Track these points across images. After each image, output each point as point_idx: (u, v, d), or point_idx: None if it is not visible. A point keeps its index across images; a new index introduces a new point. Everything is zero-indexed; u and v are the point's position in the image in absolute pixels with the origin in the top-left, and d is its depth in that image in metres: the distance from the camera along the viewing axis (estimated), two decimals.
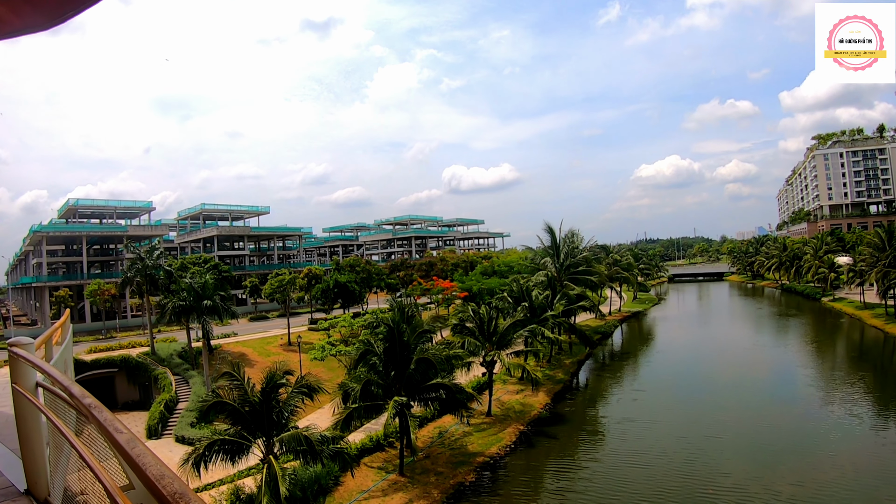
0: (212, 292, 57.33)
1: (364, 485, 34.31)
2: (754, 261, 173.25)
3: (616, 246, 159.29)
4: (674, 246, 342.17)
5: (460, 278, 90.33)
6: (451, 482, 36.50)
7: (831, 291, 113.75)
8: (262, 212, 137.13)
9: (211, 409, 28.81)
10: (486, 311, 51.92)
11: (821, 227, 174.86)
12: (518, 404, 51.54)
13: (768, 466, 36.86)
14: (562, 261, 79.38)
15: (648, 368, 70.64)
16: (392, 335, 36.54)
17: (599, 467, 39.50)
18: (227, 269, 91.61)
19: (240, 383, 28.79)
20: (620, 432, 46.52)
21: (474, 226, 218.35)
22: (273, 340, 74.44)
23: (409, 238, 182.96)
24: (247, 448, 27.93)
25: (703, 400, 54.83)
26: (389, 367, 37.13)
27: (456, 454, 40.64)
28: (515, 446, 43.41)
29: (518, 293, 62.40)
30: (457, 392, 37.79)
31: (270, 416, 27.97)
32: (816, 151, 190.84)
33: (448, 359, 39.63)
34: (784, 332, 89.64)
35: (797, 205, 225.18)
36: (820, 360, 70.15)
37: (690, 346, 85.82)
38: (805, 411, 49.11)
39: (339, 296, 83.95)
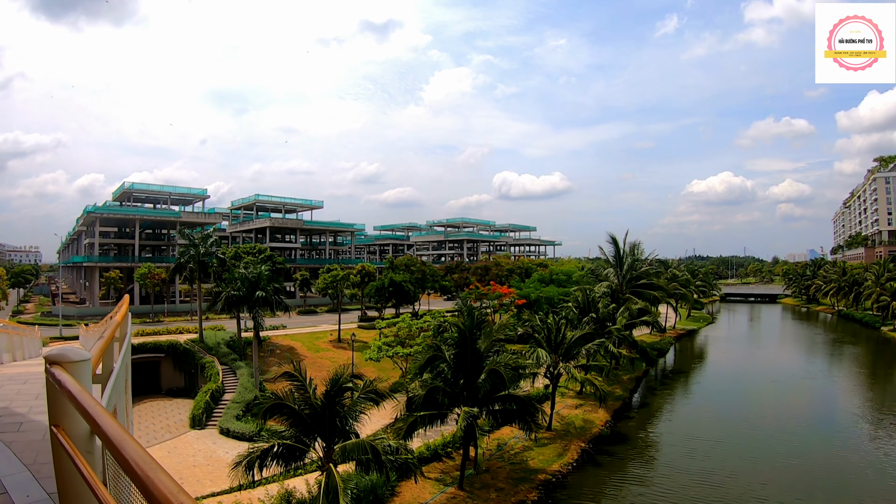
0: (266, 283, 55.72)
1: (421, 497, 31.96)
2: (810, 284, 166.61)
3: (675, 261, 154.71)
4: (724, 264, 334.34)
5: (518, 284, 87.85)
6: (512, 500, 34.18)
7: (892, 321, 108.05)
8: (316, 206, 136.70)
9: (269, 410, 26.40)
10: (553, 321, 49.57)
11: (879, 253, 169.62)
12: (579, 420, 49.07)
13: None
14: (624, 273, 76.79)
15: (706, 389, 69.03)
16: (464, 341, 34.08)
17: (667, 487, 38.06)
18: (282, 261, 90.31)
19: (301, 384, 26.59)
20: (686, 451, 45.43)
21: (526, 232, 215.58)
22: (322, 336, 73.04)
23: (461, 241, 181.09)
24: (304, 454, 25.90)
25: (768, 424, 52.80)
26: (458, 375, 34.72)
27: (516, 469, 38.34)
28: (578, 464, 41.14)
29: (584, 304, 59.80)
30: (529, 406, 35.27)
31: (333, 422, 25.74)
32: (878, 174, 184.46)
33: (517, 369, 37.36)
34: (852, 361, 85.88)
35: (854, 228, 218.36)
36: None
37: (749, 369, 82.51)
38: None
39: (394, 295, 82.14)
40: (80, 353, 4.43)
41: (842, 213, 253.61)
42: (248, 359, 58.64)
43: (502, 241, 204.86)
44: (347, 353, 64.85)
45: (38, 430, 7.78)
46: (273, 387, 53.25)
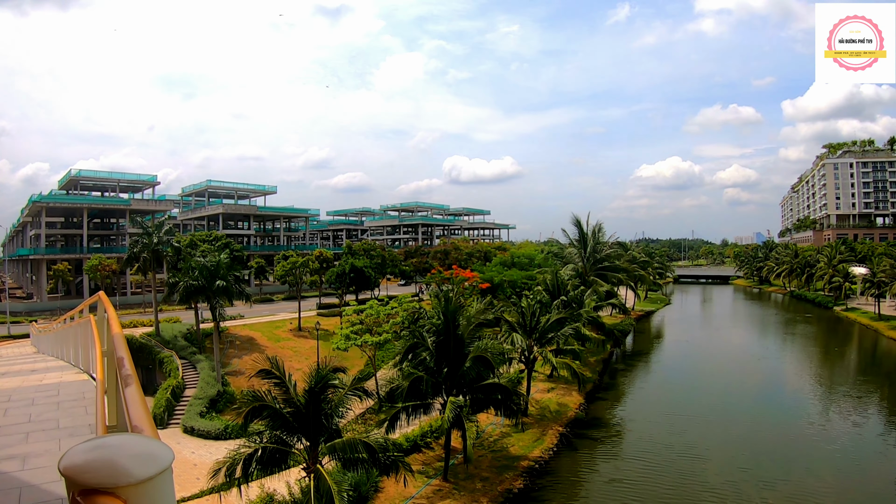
0: (225, 272, 53.32)
1: (406, 491, 30.37)
2: (763, 266, 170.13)
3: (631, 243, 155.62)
4: (675, 247, 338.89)
5: (479, 268, 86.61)
6: (498, 489, 33.05)
7: (843, 301, 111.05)
8: (270, 191, 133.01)
9: (250, 413, 24.29)
10: (528, 305, 48.58)
11: (827, 236, 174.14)
12: (553, 404, 48.25)
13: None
14: (588, 255, 76.48)
15: (669, 368, 70.28)
16: (447, 328, 32.60)
17: (648, 463, 38.68)
18: (239, 249, 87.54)
19: (281, 381, 24.58)
20: (664, 427, 46.29)
21: (480, 216, 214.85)
22: (282, 325, 70.98)
23: (416, 225, 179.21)
24: (289, 456, 24.10)
25: (733, 400, 54.70)
26: (441, 363, 33.28)
27: (498, 457, 37.30)
28: (558, 449, 40.45)
29: (553, 287, 58.90)
30: (514, 394, 34.09)
31: (318, 420, 23.92)
32: (827, 160, 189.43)
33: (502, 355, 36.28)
34: (810, 339, 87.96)
35: (803, 212, 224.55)
36: (854, 370, 69.65)
37: (710, 349, 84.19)
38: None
39: (354, 281, 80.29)
40: (150, 452, 2.15)
41: (790, 197, 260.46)
42: (207, 351, 56.24)
43: (456, 225, 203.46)
44: (309, 342, 63.02)
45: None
46: (235, 381, 51.49)
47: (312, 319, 70.68)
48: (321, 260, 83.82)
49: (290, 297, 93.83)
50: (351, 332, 50.34)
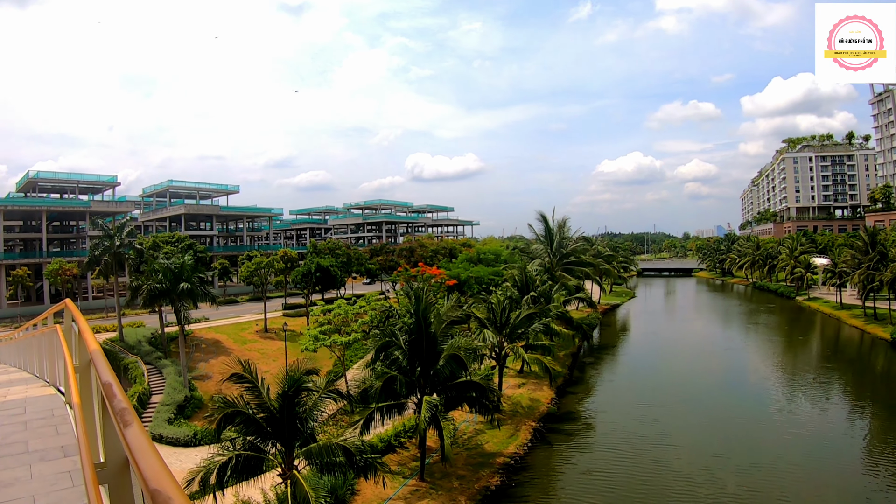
0: (190, 274, 52.21)
1: (383, 493, 29.95)
2: (725, 258, 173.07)
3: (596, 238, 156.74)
4: (637, 241, 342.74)
5: (446, 265, 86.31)
6: (475, 486, 32.89)
7: (805, 291, 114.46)
8: (232, 191, 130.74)
9: (223, 420, 23.59)
10: (498, 301, 48.44)
11: (787, 229, 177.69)
12: (525, 399, 48.20)
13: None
14: (555, 250, 76.79)
15: (638, 361, 71.27)
16: (419, 326, 32.20)
17: (625, 453, 39.35)
18: (202, 250, 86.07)
19: (254, 385, 23.94)
20: (637, 419, 46.73)
21: (444, 213, 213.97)
22: (248, 326, 69.87)
23: (380, 223, 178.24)
24: (264, 462, 23.52)
25: (708, 389, 56.37)
26: (414, 362, 32.90)
27: (474, 455, 37.16)
28: (532, 445, 40.60)
29: (522, 283, 58.86)
30: (489, 391, 33.84)
31: (293, 424, 23.36)
32: (786, 154, 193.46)
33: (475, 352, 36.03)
34: (774, 329, 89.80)
35: (763, 205, 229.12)
36: (819, 357, 71.26)
37: (677, 340, 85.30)
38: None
39: (321, 280, 79.41)
40: None
41: (750, 190, 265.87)
42: (172, 356, 55.13)
43: (420, 222, 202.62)
44: (276, 343, 62.10)
45: None
46: (203, 385, 50.54)
47: (279, 320, 69.75)
48: (286, 260, 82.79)
49: (255, 297, 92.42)
50: (319, 333, 49.67)
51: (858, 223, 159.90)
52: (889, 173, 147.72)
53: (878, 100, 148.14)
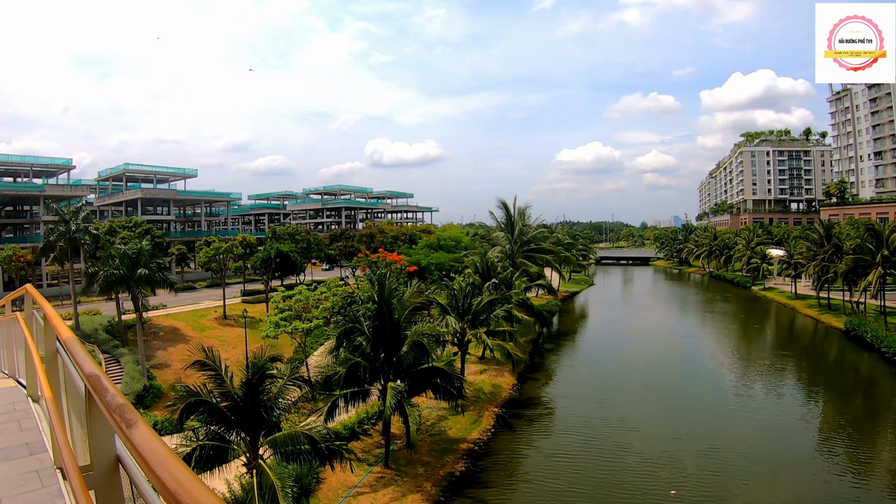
0: (148, 260, 51.16)
1: (348, 480, 29.89)
2: (682, 248, 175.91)
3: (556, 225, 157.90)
4: (596, 229, 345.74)
5: (406, 251, 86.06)
6: (440, 473, 33.00)
7: (761, 281, 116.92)
8: (190, 175, 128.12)
9: (186, 410, 23.10)
10: (460, 288, 48.47)
11: (743, 220, 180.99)
12: (487, 385, 48.48)
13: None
14: (515, 237, 77.08)
15: (597, 347, 72.46)
16: (383, 312, 31.99)
17: (588, 437, 40.13)
18: (160, 235, 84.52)
19: (217, 373, 23.39)
20: (598, 403, 47.67)
21: (403, 199, 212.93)
22: (206, 313, 68.95)
23: (339, 208, 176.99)
24: (228, 452, 23.16)
25: (667, 375, 57.30)
26: (378, 348, 32.73)
27: (437, 441, 37.27)
28: (496, 430, 40.99)
29: (483, 269, 58.91)
30: (453, 377, 33.86)
31: (257, 413, 23.02)
32: (744, 148, 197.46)
33: (438, 338, 36.04)
34: (731, 317, 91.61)
35: (720, 197, 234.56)
36: (775, 345, 73.23)
37: (636, 327, 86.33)
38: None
39: (280, 266, 78.56)
40: None
41: (708, 182, 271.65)
42: (130, 344, 54.12)
43: (380, 207, 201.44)
44: (235, 330, 61.51)
45: None
46: (162, 374, 49.74)
47: (238, 307, 69.03)
48: (245, 245, 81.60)
49: (214, 284, 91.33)
50: (280, 319, 49.14)
51: (813, 216, 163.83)
52: (844, 169, 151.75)
53: (836, 98, 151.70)
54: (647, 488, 31.95)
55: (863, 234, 71.08)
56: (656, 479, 32.85)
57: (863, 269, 67.40)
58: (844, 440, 39.51)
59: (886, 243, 64.76)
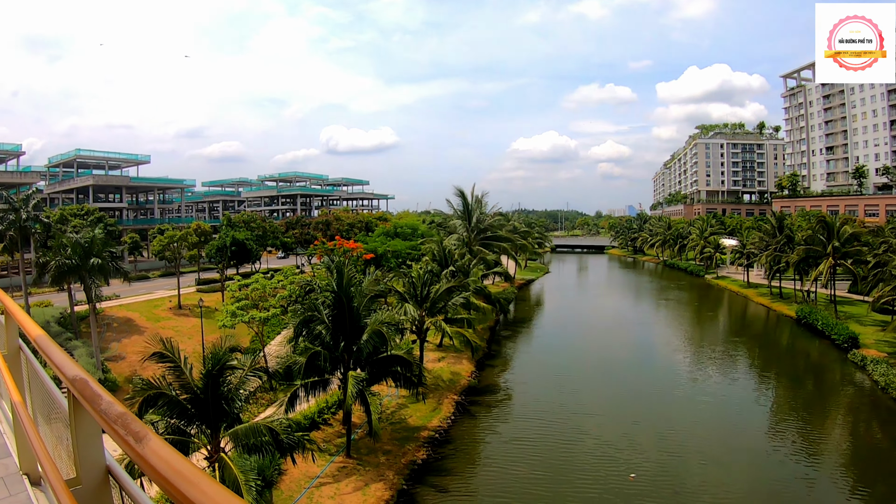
0: (101, 249, 50.05)
1: (311, 471, 29.88)
2: (637, 237, 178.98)
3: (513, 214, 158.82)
4: (551, 217, 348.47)
5: (362, 238, 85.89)
6: (402, 461, 33.20)
7: (714, 270, 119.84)
8: (142, 161, 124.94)
9: (144, 404, 22.50)
10: (418, 276, 48.52)
11: (697, 210, 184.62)
12: (446, 373, 48.87)
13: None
14: (473, 225, 77.35)
15: (553, 334, 73.43)
16: (342, 301, 31.86)
17: (548, 422, 40.80)
18: (113, 223, 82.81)
19: (176, 365, 22.91)
20: (557, 389, 48.42)
21: (359, 186, 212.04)
22: (161, 303, 67.70)
23: (295, 196, 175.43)
24: (189, 446, 22.86)
25: (623, 362, 58.77)
26: (338, 337, 32.65)
27: (398, 429, 37.47)
28: (456, 417, 41.37)
29: (440, 257, 59.05)
30: (414, 365, 34.00)
31: (218, 405, 22.77)
32: (699, 140, 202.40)
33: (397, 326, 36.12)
34: (685, 305, 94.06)
35: (674, 187, 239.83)
36: (728, 332, 75.47)
37: (594, 313, 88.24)
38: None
39: (236, 254, 77.65)
40: None
41: (662, 173, 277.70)
42: (83, 336, 52.91)
43: (336, 195, 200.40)
44: (191, 320, 60.68)
45: None
46: (117, 366, 48.82)
47: (192, 296, 68.11)
48: (200, 233, 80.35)
49: (168, 273, 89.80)
50: (237, 308, 48.59)
51: (765, 208, 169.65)
52: (796, 163, 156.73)
53: (790, 94, 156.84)
54: (608, 471, 32.74)
55: (814, 225, 73.68)
56: (616, 462, 33.71)
57: (814, 259, 69.71)
58: (797, 423, 41.15)
59: (837, 235, 66.92)
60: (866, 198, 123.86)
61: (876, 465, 34.74)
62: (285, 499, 28.02)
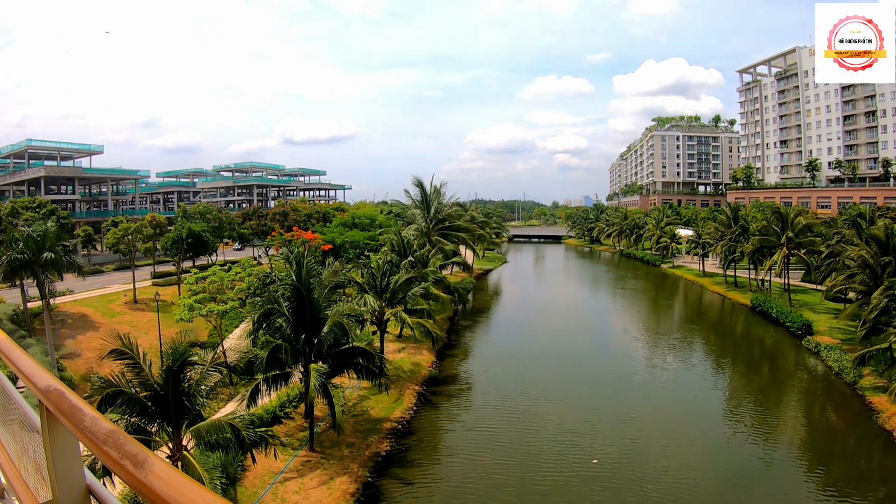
0: (54, 243, 48.93)
1: (274, 466, 29.59)
2: (594, 227, 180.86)
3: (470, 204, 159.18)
4: (508, 208, 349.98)
5: (321, 229, 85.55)
6: (366, 453, 33.24)
7: (670, 259, 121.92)
8: (96, 151, 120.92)
9: (103, 402, 21.98)
10: (378, 266, 48.45)
11: (653, 201, 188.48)
12: (407, 363, 48.76)
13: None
14: (431, 216, 77.42)
15: (514, 323, 74.49)
16: (302, 293, 31.66)
17: (509, 410, 41.47)
18: (66, 216, 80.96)
19: (135, 362, 22.56)
20: (517, 378, 49.06)
21: (316, 177, 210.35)
22: (116, 298, 66.34)
23: (251, 186, 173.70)
24: (151, 445, 22.48)
25: (583, 350, 60.04)
26: (299, 330, 32.50)
27: (360, 421, 37.42)
28: (418, 408, 41.64)
29: (399, 248, 59.10)
30: (376, 357, 34.03)
31: (179, 402, 22.49)
32: (655, 132, 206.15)
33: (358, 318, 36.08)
34: (642, 294, 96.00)
35: (630, 178, 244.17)
36: (685, 320, 77.50)
37: (552, 303, 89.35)
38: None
39: (192, 247, 76.53)
40: None
41: (618, 164, 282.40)
42: (37, 334, 51.58)
43: (292, 185, 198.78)
44: (147, 314, 59.65)
45: None
46: (73, 364, 47.83)
47: (148, 290, 66.91)
48: (155, 225, 78.86)
49: (123, 266, 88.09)
50: (194, 302, 48.02)
51: (720, 199, 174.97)
52: (751, 155, 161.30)
53: (745, 88, 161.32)
54: (573, 456, 33.42)
55: (769, 216, 75.30)
56: (580, 447, 34.51)
57: (769, 249, 71.22)
58: (754, 407, 42.49)
59: (791, 225, 68.71)
60: (819, 190, 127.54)
61: (832, 447, 36.22)
62: (250, 495, 27.80)
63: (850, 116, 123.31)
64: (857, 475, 32.66)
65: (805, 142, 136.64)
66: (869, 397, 41.31)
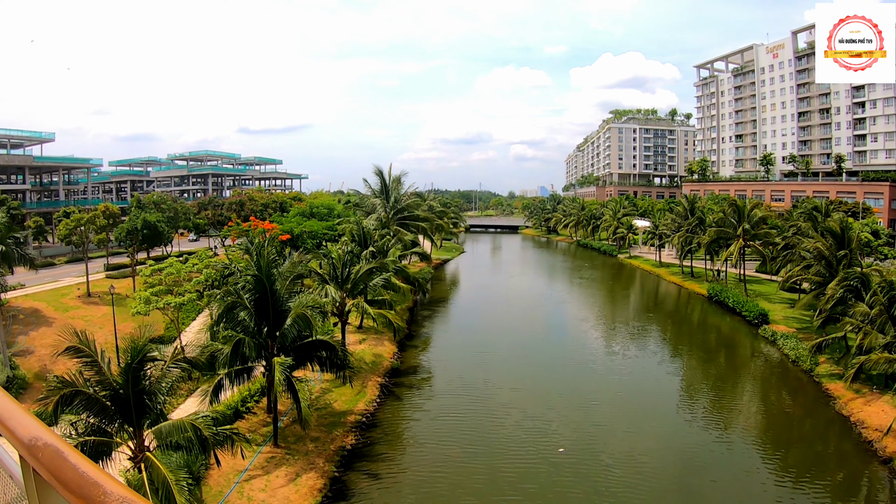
0: (4, 235, 47.50)
1: (239, 464, 28.99)
2: (551, 217, 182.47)
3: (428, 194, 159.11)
4: (464, 198, 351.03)
5: (278, 219, 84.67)
6: (332, 448, 33.00)
7: (627, 250, 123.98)
8: (46, 139, 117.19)
9: (60, 403, 21.09)
10: (338, 256, 48.06)
11: (609, 192, 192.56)
12: (368, 355, 48.61)
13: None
14: (391, 205, 77.18)
15: (474, 312, 75.07)
16: (264, 285, 31.09)
17: (473, 398, 42.11)
18: (17, 206, 78.63)
19: (93, 360, 21.85)
20: (479, 367, 49.64)
21: (272, 166, 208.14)
22: (68, 291, 64.55)
23: (206, 175, 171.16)
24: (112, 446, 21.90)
25: (543, 339, 61.11)
26: (261, 323, 32.00)
27: (324, 414, 37.15)
28: (382, 399, 41.56)
29: (359, 238, 58.71)
30: (339, 349, 33.68)
31: (141, 402, 21.89)
32: (612, 124, 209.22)
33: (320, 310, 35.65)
34: (599, 283, 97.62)
35: (587, 170, 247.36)
36: (643, 309, 79.00)
37: (510, 293, 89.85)
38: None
39: (147, 238, 74.93)
40: None
41: (575, 155, 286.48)
42: None
43: (248, 174, 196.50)
44: (101, 308, 58.19)
45: None
46: (26, 362, 46.41)
47: (102, 283, 65.41)
48: (108, 215, 76.86)
49: (75, 258, 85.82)
50: (151, 294, 47.03)
51: (675, 191, 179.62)
52: (707, 149, 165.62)
53: (702, 83, 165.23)
54: (538, 443, 34.04)
55: (726, 208, 77.17)
56: (545, 434, 35.22)
57: (725, 240, 72.69)
58: (714, 393, 43.81)
59: (748, 218, 70.27)
60: (773, 184, 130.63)
61: (789, 431, 37.22)
62: (215, 494, 27.27)
63: (804, 113, 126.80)
64: (815, 458, 33.81)
65: (760, 136, 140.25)
66: (825, 384, 42.55)
